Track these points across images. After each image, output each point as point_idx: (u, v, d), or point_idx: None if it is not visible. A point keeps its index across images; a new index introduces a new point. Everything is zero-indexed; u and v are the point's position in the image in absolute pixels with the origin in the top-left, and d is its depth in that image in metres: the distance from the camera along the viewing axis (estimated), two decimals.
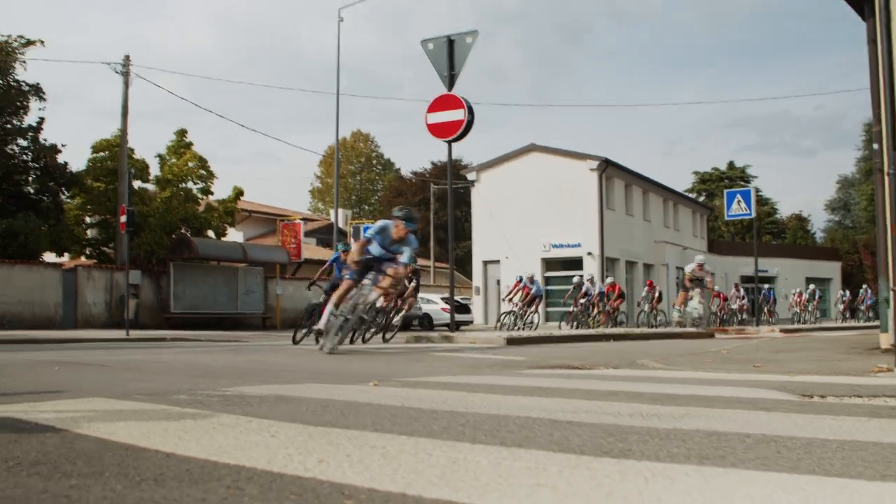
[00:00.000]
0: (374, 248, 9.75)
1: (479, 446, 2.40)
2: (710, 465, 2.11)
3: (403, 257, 9.56)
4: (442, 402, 3.65)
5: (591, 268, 35.30)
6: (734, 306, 32.20)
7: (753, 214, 23.99)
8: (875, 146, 7.88)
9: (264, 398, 3.79)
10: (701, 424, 2.89)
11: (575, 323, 25.46)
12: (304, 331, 13.46)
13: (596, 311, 26.54)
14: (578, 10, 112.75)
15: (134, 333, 17.83)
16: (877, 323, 9.97)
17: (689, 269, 20.33)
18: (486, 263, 38.19)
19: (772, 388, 4.43)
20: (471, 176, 39.90)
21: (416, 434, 2.63)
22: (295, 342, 13.03)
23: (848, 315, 39.67)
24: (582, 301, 26.07)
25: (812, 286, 37.02)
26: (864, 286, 42.60)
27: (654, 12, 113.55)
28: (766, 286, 23.80)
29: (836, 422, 3.06)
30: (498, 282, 36.39)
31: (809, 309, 35.43)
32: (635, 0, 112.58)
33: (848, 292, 41.27)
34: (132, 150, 28.93)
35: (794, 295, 36.11)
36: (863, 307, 39.60)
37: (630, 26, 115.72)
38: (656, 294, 29.35)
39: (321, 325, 10.02)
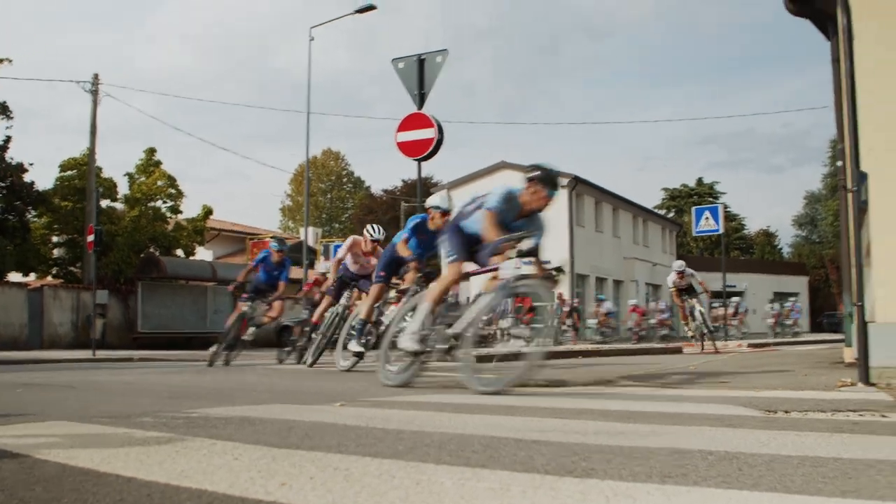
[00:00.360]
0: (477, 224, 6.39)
1: (443, 467, 2.39)
2: (673, 484, 2.11)
3: (528, 243, 5.98)
4: (408, 421, 3.64)
5: (561, 284, 35.40)
6: (653, 321, 31.26)
7: (721, 230, 24.15)
8: (839, 163, 7.98)
9: (229, 420, 3.76)
10: (665, 442, 2.90)
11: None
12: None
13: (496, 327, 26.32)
14: (550, 28, 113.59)
15: (101, 354, 17.62)
16: (811, 337, 10.07)
17: (670, 281, 17.79)
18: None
19: (737, 405, 4.45)
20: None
21: (381, 455, 2.62)
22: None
23: (779, 330, 37.41)
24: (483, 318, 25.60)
25: (736, 300, 35.96)
26: (792, 300, 41.49)
27: (625, 31, 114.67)
28: (695, 301, 23.60)
29: (799, 438, 3.08)
30: (468, 298, 36.39)
31: (735, 324, 33.58)
32: (607, 19, 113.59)
33: (777, 305, 39.92)
34: (100, 169, 28.75)
35: (717, 308, 34.69)
36: (789, 322, 38.18)
37: (601, 45, 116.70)
38: (566, 308, 28.60)
39: (405, 342, 6.58)
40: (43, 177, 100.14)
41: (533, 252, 6.05)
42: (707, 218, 23.62)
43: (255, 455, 2.63)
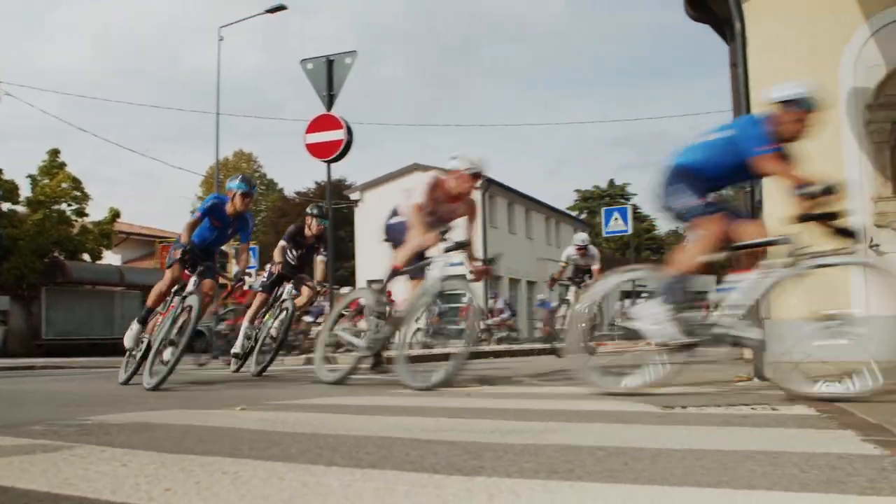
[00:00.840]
0: None
1: (333, 468, 2.39)
2: (558, 480, 2.15)
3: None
4: (307, 424, 3.62)
5: (474, 286, 35.61)
6: (492, 322, 27.90)
7: (630, 231, 24.54)
8: None
9: (124, 426, 3.68)
10: (558, 439, 2.94)
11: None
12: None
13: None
14: (463, 30, 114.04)
15: (1, 362, 17.06)
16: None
17: (565, 256, 13.75)
18: (369, 283, 38.06)
19: (636, 401, 4.55)
20: (354, 195, 39.87)
21: (273, 458, 2.60)
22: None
23: None
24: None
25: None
26: (645, 296, 40.44)
27: (538, 34, 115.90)
28: (541, 297, 22.81)
29: (688, 431, 3.17)
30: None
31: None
32: (519, 21, 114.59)
33: (626, 302, 39.00)
34: (0, 171, 27.84)
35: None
36: None
37: (513, 47, 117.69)
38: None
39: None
40: None
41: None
42: (616, 219, 23.98)
43: (144, 461, 2.58)
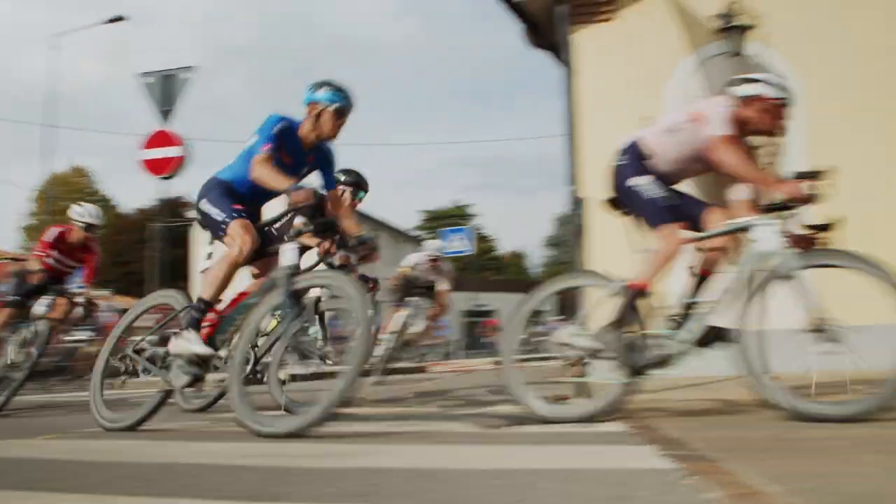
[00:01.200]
0: None
1: (134, 499, 2.32)
2: (356, 502, 2.16)
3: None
4: (114, 452, 3.48)
5: None
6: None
7: (473, 250, 24.71)
8: (571, 187, 8.49)
9: None
10: (370, 462, 2.95)
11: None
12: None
13: None
14: (311, 48, 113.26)
15: None
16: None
17: (412, 261, 10.68)
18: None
19: (464, 421, 4.58)
20: (193, 213, 38.87)
21: (69, 490, 2.48)
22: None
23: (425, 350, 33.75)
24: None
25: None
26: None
27: (389, 56, 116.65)
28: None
29: (501, 451, 3.24)
30: None
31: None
32: (369, 42, 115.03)
33: None
34: None
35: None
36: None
37: (364, 68, 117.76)
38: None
39: None
40: None
41: None
42: (462, 238, 24.24)
43: None
